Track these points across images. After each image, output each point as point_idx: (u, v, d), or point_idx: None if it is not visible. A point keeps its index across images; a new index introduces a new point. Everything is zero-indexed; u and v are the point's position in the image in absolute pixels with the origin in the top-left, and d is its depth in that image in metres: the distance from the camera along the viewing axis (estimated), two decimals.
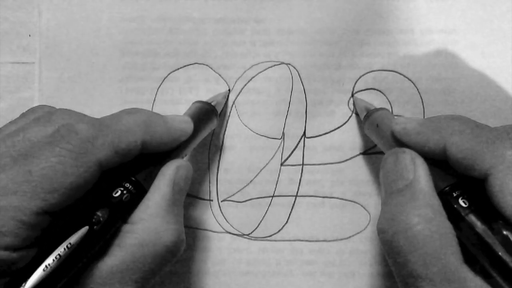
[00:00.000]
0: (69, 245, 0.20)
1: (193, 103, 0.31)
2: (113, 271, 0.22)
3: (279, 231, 0.33)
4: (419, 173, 0.23)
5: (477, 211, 0.22)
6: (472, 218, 0.22)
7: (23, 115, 0.25)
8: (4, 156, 0.21)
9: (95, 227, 0.21)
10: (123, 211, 0.23)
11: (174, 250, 0.24)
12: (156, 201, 0.24)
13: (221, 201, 0.33)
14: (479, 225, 0.21)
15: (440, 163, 0.24)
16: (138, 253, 0.22)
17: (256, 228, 0.33)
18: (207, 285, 0.33)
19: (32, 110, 0.25)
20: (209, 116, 0.30)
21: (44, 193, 0.20)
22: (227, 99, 0.34)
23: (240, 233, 0.33)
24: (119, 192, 0.23)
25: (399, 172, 0.24)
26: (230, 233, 0.33)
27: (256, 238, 0.33)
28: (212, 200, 0.33)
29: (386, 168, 0.25)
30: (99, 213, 0.22)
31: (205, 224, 0.33)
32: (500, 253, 0.20)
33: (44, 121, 0.23)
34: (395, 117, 0.29)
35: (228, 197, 0.33)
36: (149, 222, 0.23)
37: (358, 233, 0.33)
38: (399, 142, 0.26)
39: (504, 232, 0.21)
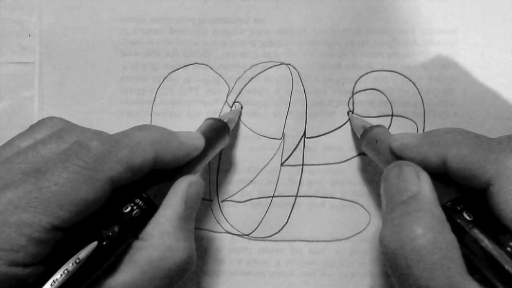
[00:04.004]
0: (77, 260, 0.20)
1: (205, 120, 0.31)
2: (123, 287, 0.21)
3: (279, 231, 0.33)
4: (423, 186, 0.23)
5: (482, 224, 0.22)
6: (476, 231, 0.22)
7: (32, 128, 0.24)
8: (16, 172, 0.21)
9: (104, 243, 0.21)
10: (133, 227, 0.23)
11: (185, 267, 0.24)
12: (168, 217, 0.23)
13: (221, 201, 0.33)
14: (484, 239, 0.21)
15: (439, 178, 0.24)
16: (149, 270, 0.22)
17: (256, 228, 0.33)
18: (207, 285, 0.33)
19: (43, 123, 0.25)
20: (220, 133, 0.30)
21: (55, 209, 0.20)
22: (240, 116, 0.33)
23: (240, 233, 0.33)
24: (129, 208, 0.23)
25: (403, 185, 0.24)
26: (230, 233, 0.33)
27: (256, 238, 0.33)
28: (212, 200, 0.34)
29: (389, 180, 0.25)
30: (108, 229, 0.22)
31: (205, 224, 0.33)
32: (506, 267, 0.20)
33: (56, 138, 0.23)
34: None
35: (228, 197, 0.33)
36: (161, 239, 0.23)
37: (358, 233, 0.33)
38: (398, 158, 0.26)
39: (511, 244, 0.20)
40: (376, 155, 0.29)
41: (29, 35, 0.34)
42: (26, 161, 0.22)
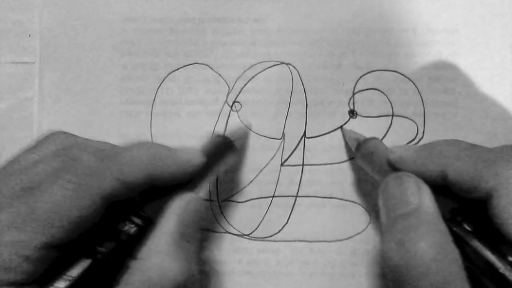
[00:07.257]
0: (70, 278, 0.20)
1: (213, 136, 0.29)
2: None
3: (279, 231, 0.33)
4: (425, 198, 0.23)
5: (482, 235, 0.22)
6: (477, 243, 0.21)
7: (37, 144, 0.24)
8: (11, 191, 0.21)
9: (98, 260, 0.21)
10: (129, 245, 0.22)
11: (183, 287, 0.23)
12: (163, 237, 0.23)
13: (221, 201, 0.33)
14: (485, 250, 0.21)
15: (437, 188, 0.24)
16: None
17: (256, 228, 0.33)
18: (207, 285, 0.33)
19: (47, 139, 0.24)
20: (224, 150, 0.29)
21: (48, 227, 0.20)
22: (248, 135, 0.33)
23: (240, 233, 0.33)
24: (126, 226, 0.22)
25: (404, 196, 0.23)
26: (230, 233, 0.33)
27: (256, 238, 0.33)
28: (212, 200, 0.33)
29: (388, 191, 0.24)
30: (103, 246, 0.21)
31: (205, 224, 0.33)
32: (508, 277, 0.20)
33: (55, 155, 0.23)
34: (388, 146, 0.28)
35: (228, 197, 0.33)
36: (156, 258, 0.22)
37: (358, 233, 0.33)
38: (395, 170, 0.25)
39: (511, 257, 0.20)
40: (371, 167, 0.28)
41: (29, 35, 0.34)
42: (23, 179, 0.22)
